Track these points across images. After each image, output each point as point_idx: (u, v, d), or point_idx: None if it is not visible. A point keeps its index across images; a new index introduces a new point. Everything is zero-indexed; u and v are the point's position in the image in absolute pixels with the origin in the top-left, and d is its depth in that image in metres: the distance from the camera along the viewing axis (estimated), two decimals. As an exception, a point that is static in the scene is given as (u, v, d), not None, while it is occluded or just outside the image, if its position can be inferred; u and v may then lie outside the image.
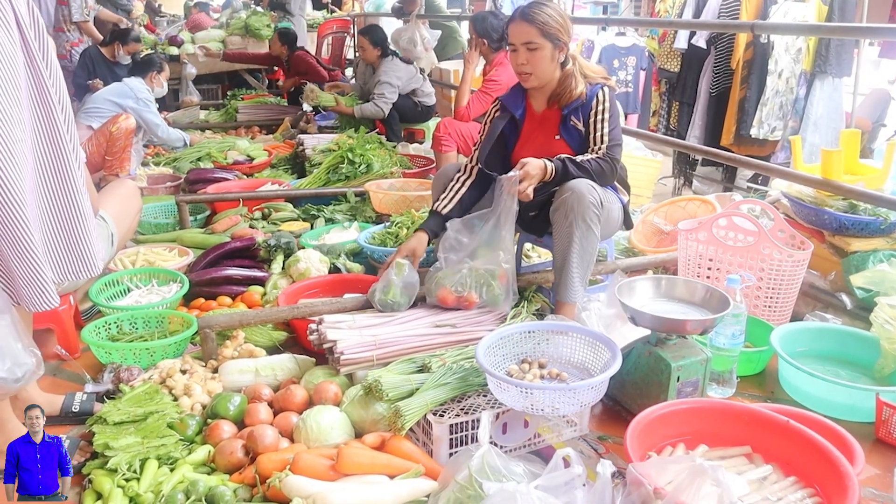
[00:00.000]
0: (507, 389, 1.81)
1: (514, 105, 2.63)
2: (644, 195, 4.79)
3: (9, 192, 1.56)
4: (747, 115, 4.34)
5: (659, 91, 5.24)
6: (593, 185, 2.35)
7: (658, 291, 2.17)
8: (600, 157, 2.43)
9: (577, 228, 2.33)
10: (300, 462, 1.65)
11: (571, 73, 2.51)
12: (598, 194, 2.35)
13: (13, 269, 1.62)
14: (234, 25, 7.89)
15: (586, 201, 2.31)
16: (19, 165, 1.58)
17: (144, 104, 4.63)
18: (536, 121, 2.64)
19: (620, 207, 2.62)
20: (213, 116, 6.80)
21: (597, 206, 2.34)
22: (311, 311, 2.39)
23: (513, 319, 2.36)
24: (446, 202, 2.61)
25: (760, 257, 2.59)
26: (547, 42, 2.45)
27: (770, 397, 2.28)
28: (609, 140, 2.47)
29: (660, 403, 1.94)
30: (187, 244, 3.31)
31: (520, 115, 2.63)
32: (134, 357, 2.30)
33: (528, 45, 2.46)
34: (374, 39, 5.48)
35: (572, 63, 2.53)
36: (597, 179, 2.40)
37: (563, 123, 2.54)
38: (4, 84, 1.55)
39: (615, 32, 6.39)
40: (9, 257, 1.61)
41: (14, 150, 1.56)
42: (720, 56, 4.56)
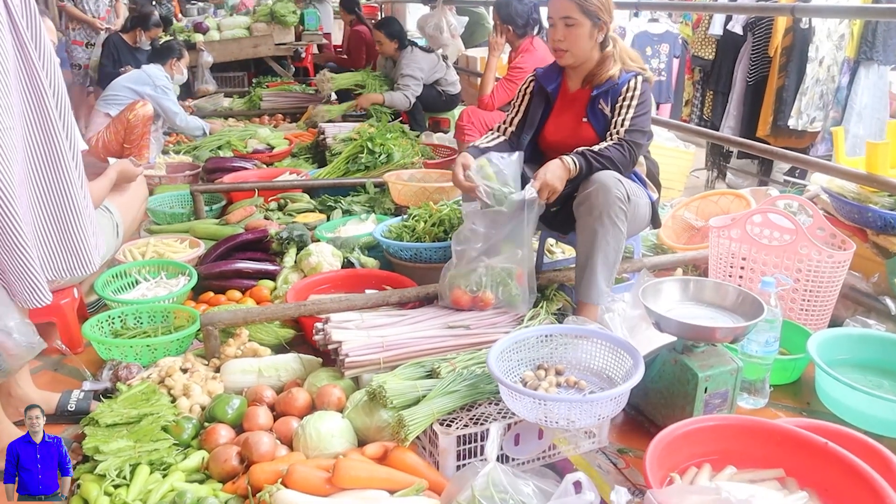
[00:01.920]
0: (519, 399, 1.68)
1: (547, 80, 2.54)
2: (675, 188, 4.60)
3: None
4: (785, 105, 4.12)
5: (692, 80, 5.02)
6: (619, 179, 2.21)
7: (686, 294, 2.02)
8: (617, 142, 2.29)
9: (602, 225, 2.19)
10: (294, 474, 1.54)
11: (610, 56, 2.40)
12: (625, 188, 2.21)
13: (3, 263, 1.54)
14: (260, 12, 7.81)
15: (612, 196, 2.17)
16: (7, 155, 1.50)
17: (162, 91, 4.56)
18: (568, 100, 2.53)
19: (648, 204, 2.47)
20: (236, 104, 6.74)
21: (623, 201, 2.19)
22: (319, 308, 2.28)
23: (530, 321, 2.23)
24: (486, 142, 2.56)
25: (798, 257, 2.42)
26: (586, 19, 2.34)
27: (806, 409, 2.13)
28: (630, 125, 2.33)
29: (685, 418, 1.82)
30: (200, 235, 3.24)
31: (552, 91, 2.53)
32: (135, 354, 2.22)
33: (566, 21, 2.35)
34: (391, 32, 5.37)
35: (612, 45, 2.42)
36: (619, 167, 2.26)
37: (591, 106, 2.43)
38: None
39: (648, 19, 6.16)
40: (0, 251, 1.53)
41: (2, 138, 1.48)
42: (758, 42, 4.34)
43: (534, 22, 4.13)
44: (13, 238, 1.51)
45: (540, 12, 4.22)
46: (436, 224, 2.92)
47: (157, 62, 4.74)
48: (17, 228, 1.52)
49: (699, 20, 4.79)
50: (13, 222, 1.51)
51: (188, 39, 7.28)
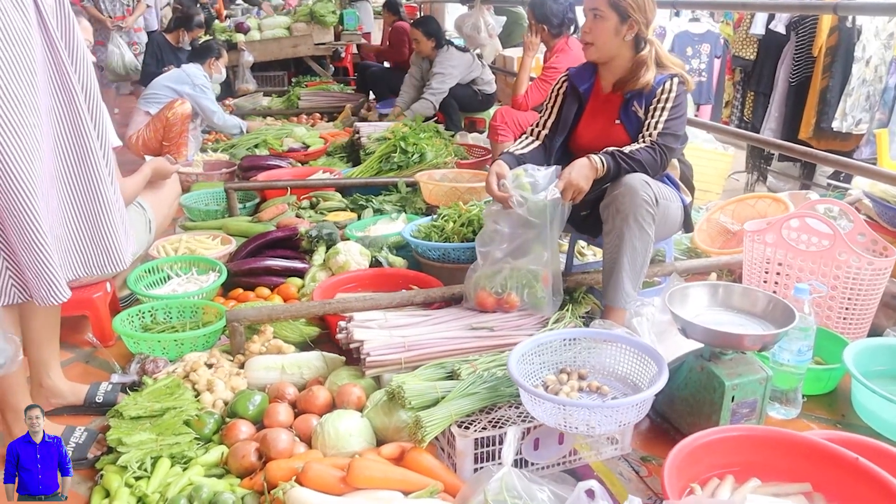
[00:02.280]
0: (538, 403, 1.65)
1: (580, 80, 2.50)
2: (713, 191, 4.50)
3: (18, 180, 1.50)
4: (829, 107, 3.99)
5: (733, 80, 4.90)
6: (647, 181, 2.16)
7: (714, 300, 1.96)
8: (648, 145, 2.24)
9: (629, 228, 2.15)
10: (309, 472, 1.54)
11: (645, 60, 2.34)
12: (653, 190, 2.16)
13: (22, 260, 1.57)
14: (301, 12, 7.89)
15: (639, 198, 2.12)
16: (30, 152, 1.52)
17: (201, 90, 4.64)
18: (601, 101, 2.49)
19: (680, 207, 2.41)
20: (275, 103, 6.82)
21: (651, 204, 2.15)
22: (343, 306, 2.28)
23: (555, 324, 2.19)
24: (521, 148, 2.51)
25: (836, 263, 2.33)
26: (613, 13, 2.30)
27: (840, 421, 2.05)
28: (663, 128, 2.27)
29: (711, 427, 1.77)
30: (232, 232, 3.28)
31: (584, 91, 2.48)
32: (162, 348, 2.25)
33: (595, 12, 2.33)
34: (428, 31, 5.35)
35: (649, 48, 2.36)
36: (649, 170, 2.21)
37: (624, 108, 2.38)
38: (17, 68, 1.49)
39: (689, 18, 6.05)
40: (18, 248, 1.56)
41: (23, 135, 1.50)
42: (801, 42, 4.21)
43: (569, 21, 4.08)
44: (32, 235, 1.52)
45: (576, 12, 4.17)
46: (464, 224, 2.90)
47: (197, 61, 4.82)
48: (36, 226, 1.53)
49: (741, 19, 4.67)
50: (33, 220, 1.52)
51: (230, 39, 7.39)
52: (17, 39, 1.49)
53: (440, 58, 5.28)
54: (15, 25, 1.49)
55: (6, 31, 1.47)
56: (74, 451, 1.82)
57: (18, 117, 1.49)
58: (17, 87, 1.49)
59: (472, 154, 4.63)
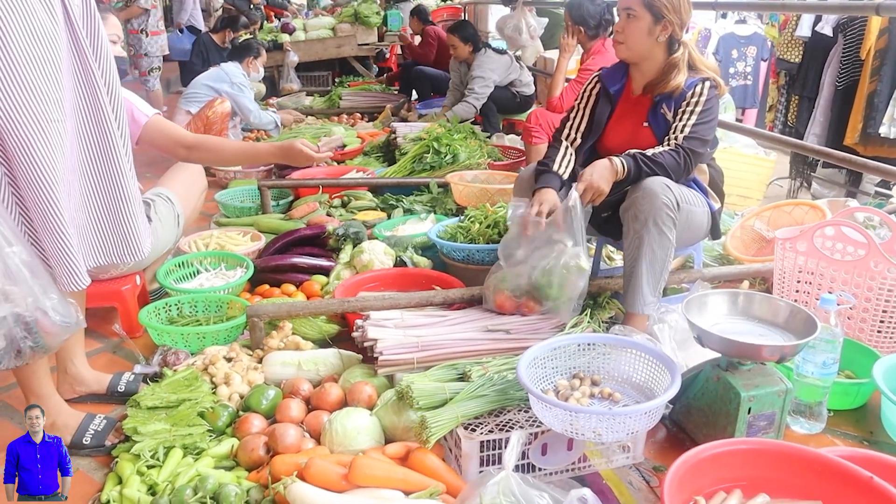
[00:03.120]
0: (545, 407, 1.64)
1: (611, 81, 2.46)
2: (753, 197, 4.39)
3: (42, 171, 1.55)
4: (877, 112, 3.85)
5: (777, 84, 4.76)
6: (668, 185, 2.12)
7: (734, 308, 1.91)
8: (673, 148, 2.19)
9: (648, 232, 2.11)
10: (312, 468, 1.55)
11: (677, 63, 2.30)
12: (674, 194, 2.12)
13: (46, 247, 1.63)
14: (345, 13, 7.99)
15: (658, 202, 2.08)
16: (53, 145, 1.57)
17: (239, 88, 4.72)
18: (631, 103, 2.45)
19: (707, 213, 2.35)
20: (317, 103, 6.90)
21: (671, 208, 2.10)
22: (362, 305, 2.30)
23: (573, 328, 2.16)
24: (564, 166, 2.44)
25: (869, 274, 2.25)
26: (647, 13, 2.26)
27: (868, 439, 1.97)
28: (690, 132, 2.22)
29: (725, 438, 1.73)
30: (263, 229, 3.33)
31: (615, 92, 2.45)
32: (184, 341, 2.30)
33: (628, 11, 2.29)
34: (465, 36, 5.37)
35: (682, 51, 2.32)
36: (671, 174, 2.17)
37: (653, 110, 2.34)
38: (44, 64, 1.54)
39: (735, 20, 5.90)
40: (43, 236, 1.62)
41: (48, 129, 1.56)
42: (849, 45, 4.07)
43: (606, 23, 4.03)
44: (54, 224, 1.58)
45: (613, 14, 4.11)
46: (490, 226, 2.89)
47: (236, 60, 4.91)
48: (58, 214, 1.59)
49: (786, 21, 4.54)
50: (55, 209, 1.58)
51: (275, 40, 7.53)
52: (45, 38, 1.54)
53: (478, 61, 5.28)
54: (43, 25, 1.54)
55: (34, 31, 1.52)
56: (93, 437, 1.87)
57: (44, 112, 1.55)
58: (44, 83, 1.55)
59: (506, 156, 4.61)
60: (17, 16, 1.48)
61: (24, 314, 1.41)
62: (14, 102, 1.50)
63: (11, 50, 1.47)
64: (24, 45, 1.49)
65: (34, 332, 1.44)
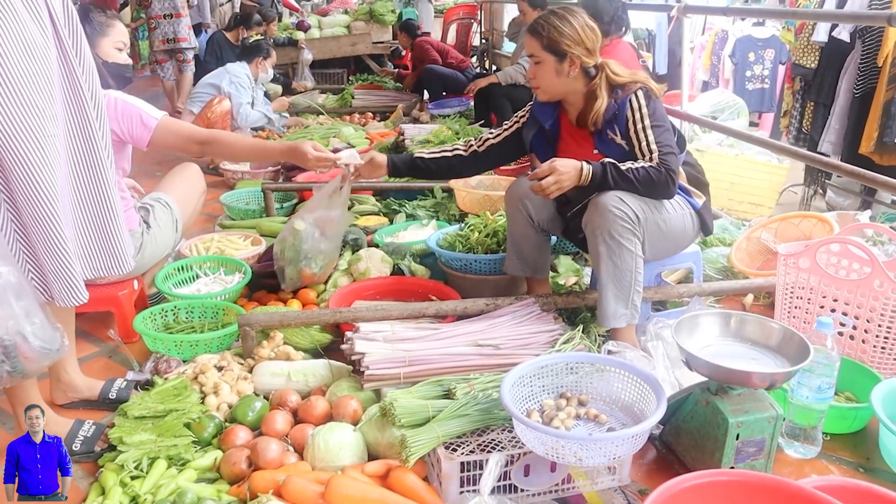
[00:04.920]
0: (526, 430, 1.61)
1: (544, 116, 2.41)
2: (765, 205, 4.31)
3: (41, 188, 1.56)
4: (893, 120, 3.74)
5: (792, 89, 4.67)
6: (622, 197, 2.10)
7: (726, 330, 1.87)
8: (653, 165, 2.16)
9: (606, 245, 2.12)
10: (289, 486, 1.55)
11: (594, 89, 2.26)
12: (630, 206, 2.10)
13: (44, 264, 1.63)
14: (360, 11, 7.98)
15: (611, 215, 2.08)
16: (51, 161, 1.58)
17: (236, 87, 4.72)
18: (572, 132, 2.41)
19: (689, 214, 2.31)
20: (330, 101, 6.90)
21: (627, 220, 2.09)
22: (354, 316, 2.29)
23: (564, 345, 2.14)
24: (431, 155, 2.56)
25: (873, 294, 2.19)
26: (549, 55, 2.26)
27: (864, 466, 1.93)
28: (657, 147, 2.17)
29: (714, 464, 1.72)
30: (265, 232, 3.33)
31: (550, 127, 2.41)
32: (177, 348, 2.30)
33: (533, 59, 2.30)
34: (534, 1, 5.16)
35: (599, 75, 2.27)
36: (642, 190, 2.13)
37: (600, 139, 2.30)
38: (38, 79, 1.54)
39: (752, 22, 5.80)
40: (41, 253, 1.62)
41: (46, 145, 1.56)
42: (868, 51, 3.97)
43: (619, 21, 3.95)
44: (55, 239, 1.58)
45: (628, 14, 4.05)
46: (489, 235, 2.87)
47: (245, 60, 4.91)
48: (59, 230, 1.60)
49: (802, 26, 4.45)
50: (55, 225, 1.58)
51: (290, 37, 7.54)
52: (37, 52, 1.54)
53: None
54: (35, 40, 1.54)
55: (27, 45, 1.52)
56: (83, 444, 1.88)
57: (40, 128, 1.55)
58: (39, 98, 1.55)
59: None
60: (10, 31, 1.48)
61: (4, 338, 1.41)
62: (11, 119, 1.49)
63: (6, 66, 1.47)
64: (19, 61, 1.49)
65: (13, 357, 1.44)
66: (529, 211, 2.44)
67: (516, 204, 2.47)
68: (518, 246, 2.52)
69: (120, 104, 2.38)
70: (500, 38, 8.09)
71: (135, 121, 2.37)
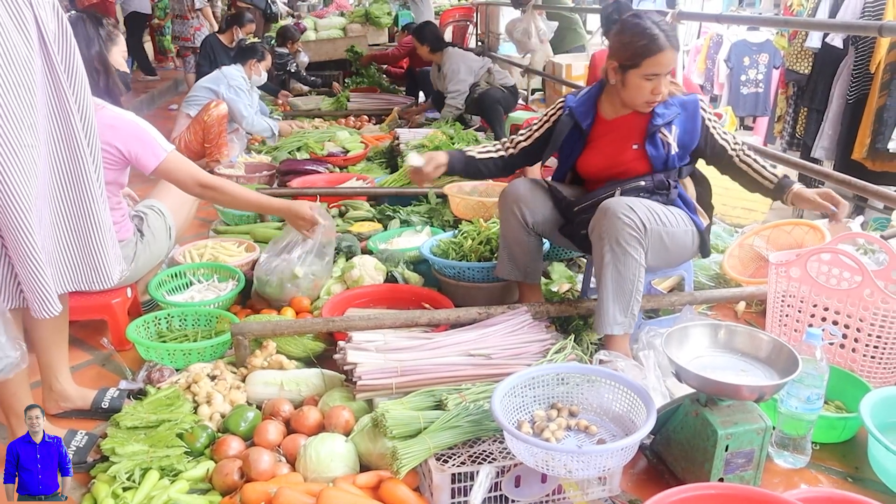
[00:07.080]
0: (516, 442, 1.62)
1: (582, 115, 2.41)
2: (759, 210, 4.32)
3: (14, 197, 1.55)
4: (885, 127, 3.78)
5: (786, 94, 4.69)
6: (630, 205, 2.13)
7: (716, 341, 1.88)
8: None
9: (611, 251, 2.12)
10: (280, 498, 1.56)
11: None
12: (638, 215, 2.12)
13: (18, 273, 1.63)
14: (356, 13, 7.99)
15: (619, 222, 2.09)
16: (27, 170, 1.57)
17: (235, 92, 4.71)
18: (608, 125, 2.41)
19: (691, 231, 2.32)
20: (325, 104, 6.90)
21: (634, 228, 2.10)
22: (347, 325, 2.29)
23: (556, 354, 2.15)
24: (480, 155, 2.58)
25: (863, 304, 2.21)
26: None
27: (853, 475, 1.94)
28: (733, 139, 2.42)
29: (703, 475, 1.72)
30: (259, 238, 3.33)
31: (587, 126, 2.41)
32: (170, 357, 2.30)
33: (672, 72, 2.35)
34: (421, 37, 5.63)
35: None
36: None
37: (651, 138, 2.31)
38: (17, 88, 1.54)
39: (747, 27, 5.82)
40: (15, 262, 1.62)
41: (21, 154, 1.56)
42: (861, 57, 4.00)
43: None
44: (26, 249, 1.58)
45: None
46: (482, 242, 2.87)
47: (239, 62, 4.90)
48: (30, 241, 1.59)
49: (796, 32, 4.47)
50: (28, 237, 1.58)
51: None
52: (19, 62, 1.54)
53: (443, 60, 5.50)
54: (17, 49, 1.54)
55: (8, 54, 1.52)
56: (75, 454, 1.88)
57: (17, 137, 1.55)
58: (17, 107, 1.55)
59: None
60: None
61: None
62: None
63: None
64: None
65: None
66: (523, 213, 2.44)
67: (510, 206, 2.46)
68: (510, 249, 2.52)
69: (133, 127, 2.34)
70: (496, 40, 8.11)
71: (146, 147, 2.33)
